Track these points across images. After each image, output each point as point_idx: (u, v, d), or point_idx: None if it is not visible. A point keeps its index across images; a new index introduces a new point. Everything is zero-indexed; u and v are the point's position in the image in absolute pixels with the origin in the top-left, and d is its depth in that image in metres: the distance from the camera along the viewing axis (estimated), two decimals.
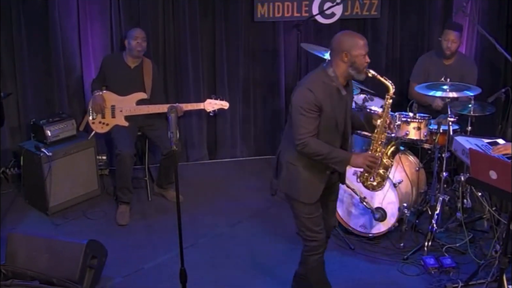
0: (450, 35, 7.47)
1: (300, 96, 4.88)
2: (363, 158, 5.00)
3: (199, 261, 6.19)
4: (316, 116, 4.84)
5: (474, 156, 5.23)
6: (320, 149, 4.88)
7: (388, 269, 6.24)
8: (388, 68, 8.92)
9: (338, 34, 5.13)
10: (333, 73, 4.91)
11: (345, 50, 4.86)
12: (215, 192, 7.78)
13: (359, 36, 5.02)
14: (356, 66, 4.89)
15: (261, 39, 8.49)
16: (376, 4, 8.52)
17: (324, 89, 4.85)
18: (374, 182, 5.26)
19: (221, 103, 7.33)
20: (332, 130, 4.98)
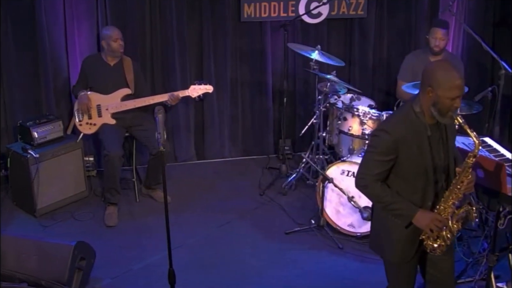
0: (438, 33, 7.48)
1: (377, 135, 4.36)
2: (429, 219, 4.30)
3: (188, 262, 6.19)
4: (387, 161, 4.28)
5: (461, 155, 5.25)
6: (380, 196, 4.36)
7: (377, 268, 6.19)
8: (376, 67, 8.93)
9: (432, 63, 4.49)
10: (419, 109, 4.26)
11: (431, 85, 4.15)
12: (204, 193, 7.77)
13: (454, 74, 4.15)
14: (438, 108, 4.16)
15: (248, 39, 8.49)
16: (362, 4, 8.52)
17: (408, 128, 4.24)
18: (435, 243, 4.43)
19: (205, 87, 7.30)
20: (419, 177, 4.33)
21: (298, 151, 8.69)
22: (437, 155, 4.32)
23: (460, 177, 4.26)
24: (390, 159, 4.26)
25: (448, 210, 4.34)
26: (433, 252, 4.44)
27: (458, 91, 4.10)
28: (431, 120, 4.25)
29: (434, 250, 4.43)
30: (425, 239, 4.41)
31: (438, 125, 4.29)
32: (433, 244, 4.41)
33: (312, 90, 8.10)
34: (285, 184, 7.79)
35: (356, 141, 7.33)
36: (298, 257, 6.41)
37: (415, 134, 4.23)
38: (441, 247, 4.40)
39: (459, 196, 4.31)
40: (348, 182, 6.60)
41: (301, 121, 8.56)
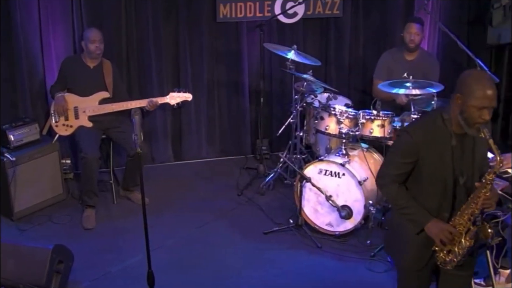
0: (413, 28, 7.53)
1: (401, 136, 4.35)
2: (439, 229, 4.15)
3: (167, 263, 6.16)
4: (406, 163, 4.18)
5: None
6: (396, 198, 4.29)
7: (356, 266, 6.27)
8: (352, 66, 8.97)
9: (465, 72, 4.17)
10: (448, 116, 4.09)
11: (460, 91, 3.99)
12: (182, 194, 7.76)
13: (485, 83, 3.95)
14: (464, 116, 3.98)
15: (224, 40, 8.49)
16: (338, 3, 8.55)
17: (431, 133, 4.10)
18: (447, 257, 4.26)
19: (185, 95, 7.29)
20: (438, 186, 4.18)
21: (276, 151, 8.69)
22: (459, 167, 4.14)
23: (478, 192, 4.07)
24: (410, 161, 4.16)
25: (463, 224, 4.15)
26: (444, 266, 4.30)
27: (486, 101, 3.90)
28: (459, 130, 4.07)
29: (445, 264, 4.28)
30: (438, 251, 4.26)
31: (466, 136, 4.09)
32: (445, 258, 4.26)
33: (289, 90, 8.12)
34: (263, 184, 7.79)
35: (333, 140, 7.34)
36: (277, 257, 6.42)
37: (438, 141, 4.10)
38: (452, 262, 4.24)
39: (475, 211, 4.11)
40: (326, 181, 6.62)
41: (278, 121, 8.56)
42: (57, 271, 5.63)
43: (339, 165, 6.58)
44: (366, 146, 7.07)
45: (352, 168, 6.58)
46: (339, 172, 6.59)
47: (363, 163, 6.79)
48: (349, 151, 6.87)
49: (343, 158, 6.69)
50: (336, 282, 6.06)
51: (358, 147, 7.00)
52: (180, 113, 8.50)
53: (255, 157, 8.78)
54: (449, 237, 4.14)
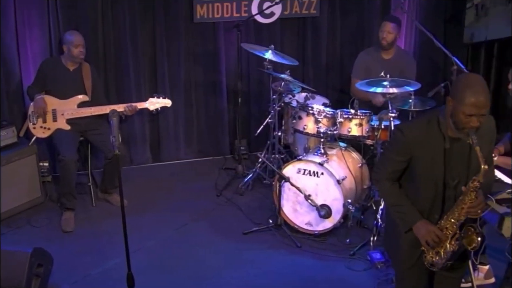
0: (386, 26, 7.57)
1: (396, 133, 4.27)
2: (426, 231, 4.16)
3: (147, 265, 6.15)
4: (399, 161, 4.19)
5: None
6: (388, 195, 4.37)
7: (336, 265, 6.28)
8: (329, 65, 9.00)
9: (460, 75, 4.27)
10: (443, 118, 4.06)
11: (452, 96, 3.98)
12: (160, 195, 7.75)
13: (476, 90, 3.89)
14: (454, 120, 3.96)
15: (201, 40, 8.49)
16: (315, 3, 8.57)
17: (425, 134, 4.08)
18: (434, 259, 4.26)
19: (164, 101, 7.27)
20: (429, 187, 4.18)
21: (254, 151, 8.68)
22: (451, 171, 4.12)
23: (463, 198, 4.05)
24: (403, 160, 4.17)
25: (450, 229, 4.15)
26: (432, 267, 4.29)
27: (474, 109, 3.85)
28: (453, 134, 4.04)
29: (432, 265, 4.28)
30: (426, 251, 4.27)
31: (461, 140, 4.04)
32: (432, 259, 4.26)
33: (267, 90, 8.13)
34: (241, 184, 7.79)
35: (312, 140, 7.36)
36: (257, 257, 6.42)
37: (431, 143, 4.07)
38: (438, 264, 4.24)
39: (460, 217, 4.10)
40: (305, 181, 6.63)
41: (256, 121, 8.57)
42: (37, 275, 5.59)
43: (317, 165, 6.59)
44: (344, 145, 7.09)
45: (330, 167, 6.59)
46: (317, 171, 6.60)
47: (342, 162, 6.81)
48: (328, 150, 6.88)
49: (321, 157, 6.71)
50: (316, 281, 6.06)
51: (336, 146, 7.02)
52: (158, 114, 8.46)
53: (233, 158, 8.79)
54: (435, 240, 4.14)
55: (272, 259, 6.38)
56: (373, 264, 6.19)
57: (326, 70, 9.02)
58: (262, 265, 6.29)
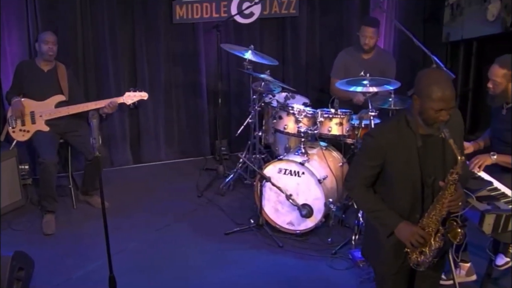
0: (367, 31, 7.59)
1: (366, 139, 4.22)
2: (410, 233, 4.10)
3: (129, 267, 6.12)
4: (372, 166, 4.12)
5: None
6: (364, 201, 4.29)
7: (318, 264, 6.28)
8: (309, 65, 9.03)
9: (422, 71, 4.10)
10: (411, 118, 4.05)
11: (417, 94, 3.97)
12: (142, 196, 7.74)
13: (441, 85, 3.88)
14: (423, 117, 3.95)
15: (181, 41, 8.49)
16: (294, 3, 8.60)
17: (395, 135, 4.04)
18: (419, 258, 4.21)
19: (140, 94, 7.24)
20: (406, 188, 4.13)
21: (235, 151, 8.69)
22: (427, 168, 4.09)
23: (443, 192, 4.02)
24: (376, 164, 4.11)
25: (432, 226, 4.11)
26: (417, 267, 4.24)
27: (443, 104, 3.86)
28: (424, 131, 4.03)
29: (418, 265, 4.23)
30: (410, 252, 4.22)
31: (433, 136, 4.04)
32: (418, 258, 4.21)
33: (247, 90, 8.13)
34: (222, 184, 7.79)
35: (292, 139, 7.38)
36: (239, 257, 6.41)
37: (404, 143, 4.04)
38: (424, 263, 4.20)
39: (442, 212, 4.06)
40: (286, 180, 6.63)
41: (237, 121, 8.58)
42: (18, 279, 5.56)
43: (298, 164, 6.59)
44: (325, 144, 7.10)
45: (311, 166, 6.60)
46: (298, 171, 6.61)
47: (322, 161, 6.82)
48: (308, 149, 6.89)
49: (302, 157, 6.71)
50: (299, 280, 6.06)
51: (317, 145, 7.03)
52: (138, 115, 8.47)
53: (214, 158, 8.79)
54: (419, 240, 4.10)
55: (254, 259, 6.37)
56: (355, 262, 6.19)
57: (306, 69, 9.04)
58: (244, 265, 6.29)
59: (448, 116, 3.93)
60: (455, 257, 5.70)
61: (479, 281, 5.85)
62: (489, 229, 4.55)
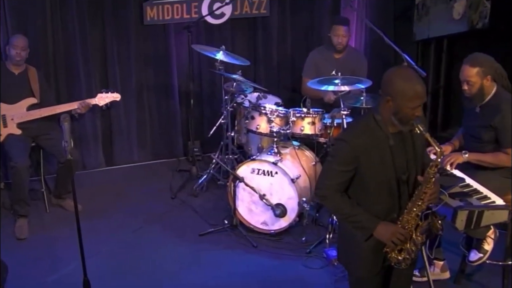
0: (339, 31, 7.62)
1: (337, 144, 4.17)
2: (391, 233, 4.08)
3: (103, 270, 6.10)
4: (346, 171, 4.05)
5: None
6: (340, 207, 4.16)
7: (293, 264, 6.29)
8: (280, 65, 9.03)
9: (390, 71, 4.13)
10: (380, 116, 4.04)
11: (390, 95, 3.95)
12: (115, 199, 7.71)
13: (414, 82, 3.92)
14: (399, 117, 3.95)
15: (152, 42, 8.47)
16: (265, 3, 8.60)
17: (369, 137, 4.00)
18: (400, 256, 4.20)
19: (113, 96, 7.21)
20: (382, 188, 4.10)
21: (208, 152, 8.68)
22: (401, 166, 4.09)
23: (422, 187, 4.04)
24: (350, 169, 4.04)
25: (412, 222, 4.11)
26: (398, 266, 4.23)
27: (418, 100, 3.90)
28: (394, 129, 4.04)
29: (399, 263, 4.22)
30: (389, 251, 4.19)
31: (402, 134, 4.07)
32: (398, 257, 4.19)
33: (219, 91, 8.12)
34: (196, 185, 7.78)
35: (265, 139, 7.37)
36: (214, 258, 6.41)
37: (376, 144, 4.01)
38: (406, 260, 4.20)
39: (422, 207, 4.08)
40: (259, 180, 6.63)
41: (209, 122, 8.57)
42: None
43: (271, 164, 6.60)
44: (298, 143, 7.11)
45: (284, 166, 6.61)
46: (271, 170, 6.62)
47: (295, 160, 6.83)
48: (281, 149, 6.90)
49: (275, 156, 6.72)
50: (274, 280, 6.07)
51: (289, 145, 7.04)
52: (110, 117, 8.43)
53: (187, 159, 8.77)
54: (400, 238, 4.09)
55: (229, 260, 6.37)
56: (329, 261, 6.20)
57: (277, 69, 9.05)
58: (219, 266, 6.28)
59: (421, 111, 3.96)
60: (429, 254, 5.75)
61: (453, 277, 5.91)
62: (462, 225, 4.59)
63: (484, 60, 5.39)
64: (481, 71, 5.31)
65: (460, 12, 8.38)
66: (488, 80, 5.34)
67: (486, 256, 5.58)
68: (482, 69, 5.31)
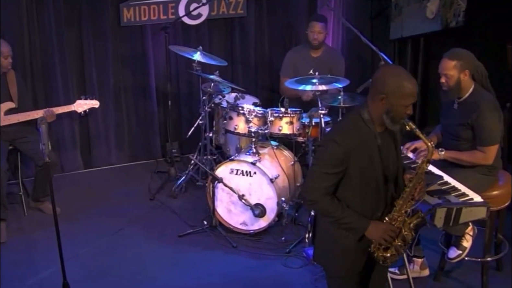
0: (316, 27, 7.64)
1: (326, 146, 4.07)
2: (382, 231, 4.11)
3: (83, 273, 6.08)
4: (336, 173, 3.99)
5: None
6: (330, 211, 4.06)
7: (272, 263, 6.30)
8: (258, 65, 9.03)
9: (384, 70, 4.21)
10: (368, 116, 4.01)
11: (385, 93, 3.91)
12: (94, 201, 7.67)
13: (408, 81, 3.93)
14: (391, 115, 3.95)
15: (129, 44, 8.44)
16: (242, 3, 8.60)
17: (358, 137, 3.98)
18: (387, 254, 4.22)
19: (91, 103, 7.19)
20: (372, 189, 4.10)
21: (186, 153, 8.67)
22: (387, 165, 4.11)
23: (413, 184, 4.09)
24: (340, 170, 3.99)
25: (400, 219, 4.14)
26: (386, 263, 4.24)
27: (412, 99, 3.92)
28: (381, 128, 4.05)
29: (385, 260, 4.22)
30: (375, 250, 4.19)
31: (387, 132, 4.09)
32: (384, 254, 4.20)
33: (196, 91, 8.13)
34: (175, 187, 7.77)
35: (243, 140, 7.37)
36: (193, 259, 6.41)
37: (366, 144, 3.99)
38: (393, 257, 4.21)
39: (412, 203, 4.15)
40: (238, 181, 6.64)
41: (187, 122, 8.56)
42: None
43: (250, 164, 6.61)
44: (276, 143, 7.11)
45: (263, 166, 6.61)
46: (250, 171, 6.62)
47: (274, 160, 6.84)
48: (259, 149, 6.90)
49: (253, 156, 6.72)
50: (254, 280, 6.08)
51: (268, 145, 7.04)
52: (88, 119, 8.39)
53: (165, 161, 8.75)
54: (392, 235, 4.11)
55: (208, 261, 6.37)
56: (309, 260, 6.21)
57: (255, 69, 9.06)
58: (199, 266, 6.28)
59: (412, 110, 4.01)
60: (408, 252, 5.77)
61: (432, 274, 5.94)
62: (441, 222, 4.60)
63: (463, 54, 5.42)
64: (459, 65, 5.33)
65: (433, 11, 8.45)
66: (466, 75, 5.36)
67: (465, 253, 5.61)
68: (460, 62, 5.33)
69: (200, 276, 6.13)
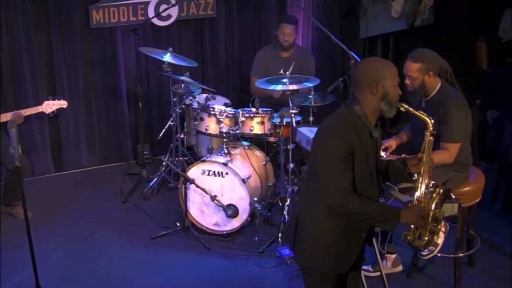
0: (286, 29, 7.66)
1: (329, 144, 3.99)
2: (416, 212, 4.11)
3: (56, 277, 6.05)
4: (348, 168, 3.94)
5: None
6: (361, 208, 3.99)
7: (246, 264, 6.31)
8: (228, 65, 9.04)
9: (363, 63, 4.33)
10: (362, 111, 4.02)
11: (376, 80, 3.97)
12: (65, 205, 7.63)
13: (389, 63, 4.13)
14: (388, 98, 4.02)
15: (99, 46, 8.40)
16: (211, 3, 8.59)
17: (355, 132, 3.98)
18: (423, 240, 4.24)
19: (59, 103, 7.12)
20: (367, 181, 4.10)
21: (158, 154, 8.64)
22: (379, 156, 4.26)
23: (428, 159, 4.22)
24: (349, 166, 3.96)
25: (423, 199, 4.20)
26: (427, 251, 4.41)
27: (397, 77, 4.08)
28: (374, 121, 4.10)
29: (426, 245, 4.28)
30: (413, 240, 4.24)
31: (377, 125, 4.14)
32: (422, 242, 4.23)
33: (167, 93, 8.09)
34: (147, 189, 7.75)
35: (214, 140, 7.38)
36: (167, 261, 6.40)
37: (362, 139, 4.00)
38: (430, 241, 4.25)
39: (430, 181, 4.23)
40: (210, 182, 6.63)
41: (158, 124, 8.54)
42: None
43: (221, 165, 6.60)
44: (247, 143, 7.12)
45: (234, 166, 6.62)
46: (222, 171, 6.62)
47: (246, 161, 6.84)
48: (231, 150, 6.90)
49: (225, 157, 6.72)
50: (228, 281, 6.08)
51: (239, 145, 7.04)
52: (58, 122, 8.35)
53: (137, 162, 8.73)
54: (424, 216, 4.14)
55: (182, 262, 6.37)
56: (282, 260, 6.22)
57: (225, 70, 9.06)
58: (172, 268, 6.28)
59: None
60: (381, 249, 5.80)
61: (405, 271, 5.98)
62: None
63: (427, 56, 5.43)
64: (423, 67, 5.35)
65: (398, 11, 8.52)
66: (430, 76, 5.39)
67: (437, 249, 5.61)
68: (423, 65, 5.36)
69: (173, 278, 6.12)
